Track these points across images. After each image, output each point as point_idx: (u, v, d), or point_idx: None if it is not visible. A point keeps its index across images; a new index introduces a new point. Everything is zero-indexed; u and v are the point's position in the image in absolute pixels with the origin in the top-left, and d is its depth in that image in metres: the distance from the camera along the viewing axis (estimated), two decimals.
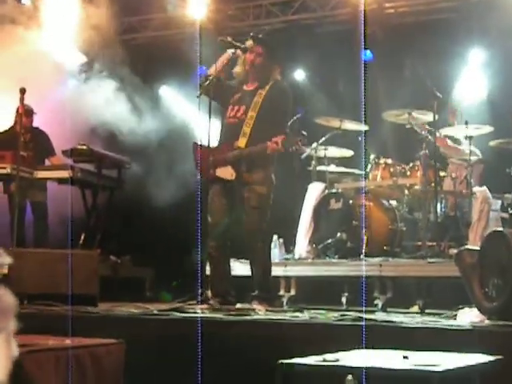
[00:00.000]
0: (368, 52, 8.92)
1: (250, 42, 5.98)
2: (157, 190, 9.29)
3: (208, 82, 5.77)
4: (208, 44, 7.44)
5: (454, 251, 6.26)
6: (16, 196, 7.06)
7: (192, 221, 5.49)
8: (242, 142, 5.80)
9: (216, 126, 6.07)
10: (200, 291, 5.53)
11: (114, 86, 9.08)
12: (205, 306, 5.42)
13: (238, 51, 5.96)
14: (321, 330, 4.15)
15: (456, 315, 4.65)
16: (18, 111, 8.05)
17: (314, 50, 9.38)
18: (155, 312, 4.95)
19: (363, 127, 7.41)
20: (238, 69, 6.02)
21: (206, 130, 5.72)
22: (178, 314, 4.84)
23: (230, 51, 5.97)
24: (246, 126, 5.79)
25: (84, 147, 7.96)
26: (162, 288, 8.50)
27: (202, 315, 4.71)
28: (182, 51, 8.68)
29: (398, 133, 8.23)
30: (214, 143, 5.96)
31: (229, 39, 6.07)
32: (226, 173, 5.80)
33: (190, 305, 5.39)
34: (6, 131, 8.36)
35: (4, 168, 7.52)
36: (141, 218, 9.56)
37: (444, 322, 4.30)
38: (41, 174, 7.90)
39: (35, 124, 8.49)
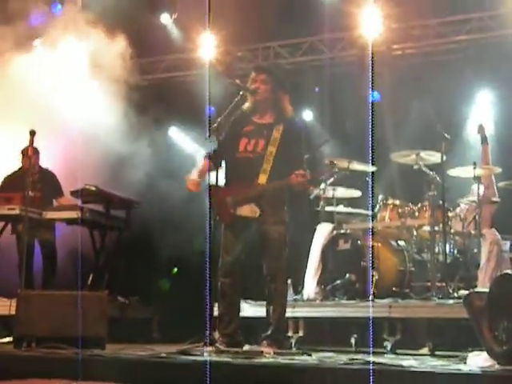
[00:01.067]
0: (376, 93, 8.99)
1: (253, 75, 6.00)
2: (167, 230, 9.31)
3: (216, 124, 5.76)
4: (217, 85, 7.51)
5: (463, 292, 6.23)
6: (24, 236, 7.08)
7: (201, 261, 5.48)
8: (262, 178, 5.70)
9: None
10: (207, 333, 5.49)
11: (123, 126, 9.14)
12: (212, 348, 5.36)
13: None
14: (329, 374, 4.11)
15: (466, 358, 4.60)
16: (24, 152, 8.13)
17: (322, 91, 9.44)
18: (162, 355, 4.92)
19: (371, 168, 7.42)
20: (247, 105, 5.98)
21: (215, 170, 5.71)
22: (185, 358, 4.80)
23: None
24: (266, 162, 5.70)
25: (93, 188, 7.99)
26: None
27: (209, 358, 4.67)
28: (191, 92, 8.76)
29: (405, 173, 8.24)
30: (223, 179, 5.89)
31: (237, 81, 6.09)
32: (250, 211, 5.70)
33: (197, 347, 5.35)
34: (14, 172, 8.42)
35: (13, 209, 7.55)
36: (149, 259, 9.55)
37: (453, 367, 4.26)
38: (50, 215, 7.91)
39: (43, 164, 8.55)
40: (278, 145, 5.75)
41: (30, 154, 7.34)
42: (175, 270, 9.64)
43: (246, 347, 5.72)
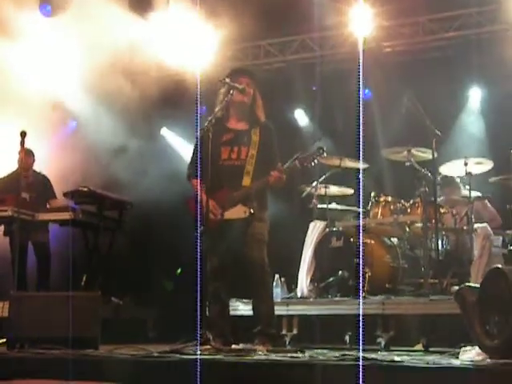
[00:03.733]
0: (366, 90, 9.01)
1: (235, 75, 6.05)
2: (158, 231, 9.32)
3: (207, 123, 5.78)
4: (207, 84, 7.50)
5: (456, 288, 6.24)
6: (17, 238, 7.08)
7: (193, 262, 5.48)
8: (246, 180, 5.84)
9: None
10: (200, 332, 5.49)
11: (114, 125, 9.14)
12: (206, 347, 5.37)
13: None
14: (321, 370, 4.12)
15: (459, 353, 4.62)
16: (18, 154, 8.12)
17: (313, 89, 9.45)
18: (155, 354, 4.92)
19: (362, 165, 7.43)
20: (218, 108, 5.99)
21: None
22: (179, 356, 4.80)
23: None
24: (249, 164, 5.85)
25: (85, 189, 7.98)
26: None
27: (202, 357, 4.67)
28: (181, 92, 8.76)
29: (397, 170, 8.27)
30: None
31: (227, 80, 6.10)
32: (239, 212, 5.80)
33: (190, 346, 5.35)
34: (9, 175, 8.41)
35: (5, 211, 7.54)
36: (142, 259, 9.55)
37: (445, 361, 4.27)
38: (42, 216, 7.90)
39: (37, 167, 8.55)
40: (258, 147, 5.92)
41: (21, 155, 7.33)
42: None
43: (240, 346, 5.73)
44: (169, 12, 8.92)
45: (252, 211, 5.76)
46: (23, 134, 6.91)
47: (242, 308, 7.09)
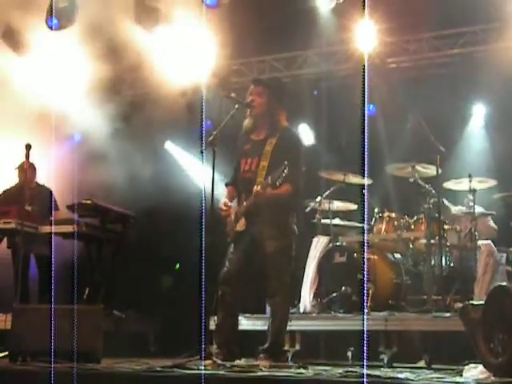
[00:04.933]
0: (371, 106, 9.02)
1: (251, 88, 6.03)
2: (161, 245, 9.30)
3: (212, 137, 5.79)
4: (212, 99, 7.52)
5: (459, 305, 6.22)
6: (21, 250, 7.08)
7: (197, 274, 5.47)
8: None
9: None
10: (203, 346, 5.47)
11: (118, 139, 9.16)
12: (208, 361, 5.35)
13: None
14: None
15: (462, 371, 4.59)
16: (20, 167, 8.15)
17: (318, 104, 9.46)
18: (158, 369, 4.90)
19: (366, 181, 7.43)
20: (247, 122, 6.00)
21: (210, 182, 5.75)
22: (181, 371, 4.79)
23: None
24: (259, 176, 5.75)
25: (88, 202, 8.00)
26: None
27: (204, 372, 4.66)
28: (187, 106, 8.78)
29: (401, 186, 8.26)
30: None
31: (232, 95, 6.11)
32: (241, 225, 5.81)
33: (192, 361, 5.33)
34: (12, 187, 8.43)
35: (9, 223, 7.55)
36: (145, 272, 9.53)
37: (449, 379, 4.25)
38: (46, 229, 7.92)
39: (40, 180, 8.56)
40: (270, 158, 5.78)
41: (25, 167, 7.35)
42: (177, 266, 9.66)
43: (242, 360, 5.71)
44: (174, 26, 8.94)
45: (248, 226, 5.74)
46: (28, 147, 6.93)
47: (244, 323, 7.06)
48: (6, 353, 5.87)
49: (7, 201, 8.17)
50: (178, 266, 9.52)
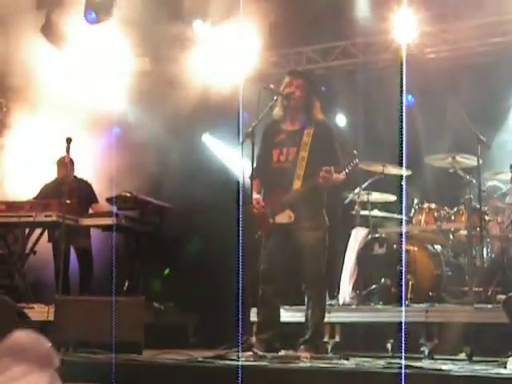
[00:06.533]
0: (409, 96, 8.94)
1: (287, 79, 6.01)
2: (201, 236, 9.32)
3: (250, 129, 5.78)
4: (250, 91, 7.50)
5: (501, 297, 6.16)
6: (61, 243, 7.15)
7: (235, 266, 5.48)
8: (297, 184, 5.76)
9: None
10: (243, 338, 5.48)
11: (156, 132, 9.19)
12: (249, 353, 5.36)
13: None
14: (365, 378, 4.09)
15: (506, 363, 4.54)
16: (60, 162, 8.22)
17: (356, 95, 9.40)
18: (199, 359, 4.92)
19: (405, 172, 7.37)
20: (277, 110, 5.99)
21: (249, 174, 5.74)
22: (222, 362, 4.80)
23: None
24: (299, 168, 5.73)
25: (128, 194, 8.05)
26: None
27: (245, 363, 4.66)
28: (225, 98, 8.78)
29: (441, 177, 8.18)
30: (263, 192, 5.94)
31: (270, 86, 6.11)
32: (285, 217, 5.76)
33: (233, 352, 5.35)
34: (52, 182, 8.51)
35: (50, 216, 7.62)
36: (184, 264, 9.57)
37: (493, 371, 4.20)
38: (86, 221, 7.99)
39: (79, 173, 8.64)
40: (310, 148, 5.77)
41: (66, 161, 7.41)
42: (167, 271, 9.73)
43: (283, 352, 5.71)
44: (211, 19, 8.96)
45: (297, 217, 5.71)
46: (69, 141, 6.99)
47: (283, 315, 7.05)
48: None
49: (47, 195, 8.26)
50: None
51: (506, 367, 4.41)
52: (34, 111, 8.98)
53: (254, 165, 5.76)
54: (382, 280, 7.33)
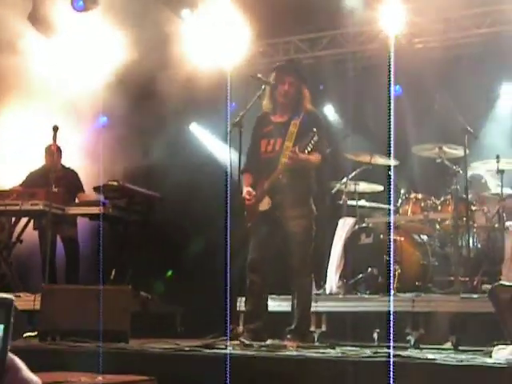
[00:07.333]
0: (397, 86, 8.95)
1: (273, 75, 6.00)
2: (189, 226, 9.31)
3: (238, 118, 5.79)
4: (238, 80, 7.50)
5: (487, 287, 6.19)
6: (48, 232, 7.12)
7: (223, 256, 5.48)
8: (278, 172, 5.79)
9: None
10: (230, 327, 5.49)
11: (143, 121, 9.17)
12: (236, 342, 5.38)
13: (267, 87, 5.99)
14: (352, 366, 4.11)
15: (491, 352, 4.57)
16: (47, 149, 8.19)
17: (343, 85, 9.40)
18: (186, 349, 4.93)
19: (392, 162, 7.39)
20: (266, 102, 6.00)
21: (236, 162, 5.75)
22: (209, 351, 4.81)
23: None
24: (284, 156, 5.74)
25: (115, 183, 8.02)
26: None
27: (232, 352, 4.67)
28: (212, 87, 8.76)
29: (428, 167, 8.20)
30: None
31: (258, 75, 6.10)
32: (264, 204, 5.80)
33: (220, 341, 5.36)
34: (38, 169, 8.47)
35: (36, 204, 7.59)
36: (171, 253, 9.57)
37: (479, 359, 4.23)
38: (72, 210, 7.96)
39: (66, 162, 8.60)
40: (295, 137, 5.79)
41: (53, 149, 7.37)
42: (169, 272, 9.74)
43: (269, 341, 5.73)
44: (200, 8, 8.92)
45: (273, 204, 5.72)
46: (55, 129, 6.96)
47: (270, 304, 7.07)
48: (36, 332, 5.93)
49: (34, 183, 8.21)
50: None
51: (491, 356, 4.43)
52: (20, 99, 8.91)
53: (245, 158, 5.77)
54: (369, 269, 7.36)
